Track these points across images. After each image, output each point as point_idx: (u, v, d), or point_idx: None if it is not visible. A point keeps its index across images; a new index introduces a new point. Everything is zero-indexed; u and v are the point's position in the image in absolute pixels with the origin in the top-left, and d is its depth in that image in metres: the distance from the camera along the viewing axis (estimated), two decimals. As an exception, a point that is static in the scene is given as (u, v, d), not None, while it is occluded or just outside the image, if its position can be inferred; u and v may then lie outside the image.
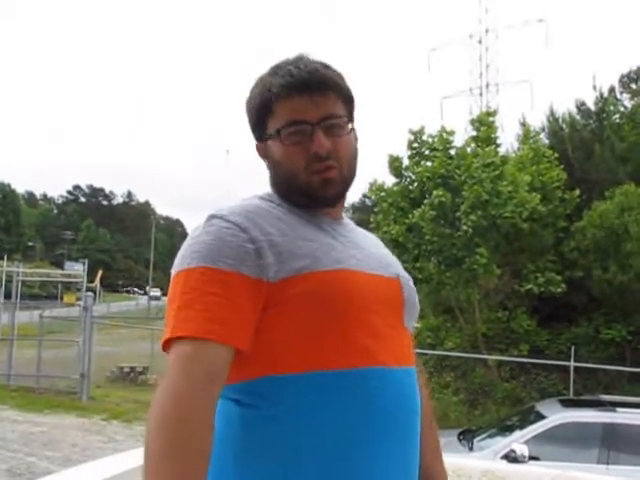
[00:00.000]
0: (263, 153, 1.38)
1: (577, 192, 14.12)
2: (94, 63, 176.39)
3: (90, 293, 14.10)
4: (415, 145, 14.17)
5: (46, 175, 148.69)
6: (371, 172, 14.37)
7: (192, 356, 1.10)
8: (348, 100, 1.38)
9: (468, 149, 13.93)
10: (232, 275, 1.16)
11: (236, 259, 1.17)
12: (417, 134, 14.17)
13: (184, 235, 1.37)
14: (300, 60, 1.34)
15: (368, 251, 1.35)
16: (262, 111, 1.34)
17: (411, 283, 1.41)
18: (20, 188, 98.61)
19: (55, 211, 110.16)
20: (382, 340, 1.24)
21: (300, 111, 1.30)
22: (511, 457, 5.97)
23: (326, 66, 1.35)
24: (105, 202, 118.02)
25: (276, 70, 1.34)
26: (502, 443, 6.64)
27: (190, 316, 1.13)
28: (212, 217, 1.25)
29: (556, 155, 14.32)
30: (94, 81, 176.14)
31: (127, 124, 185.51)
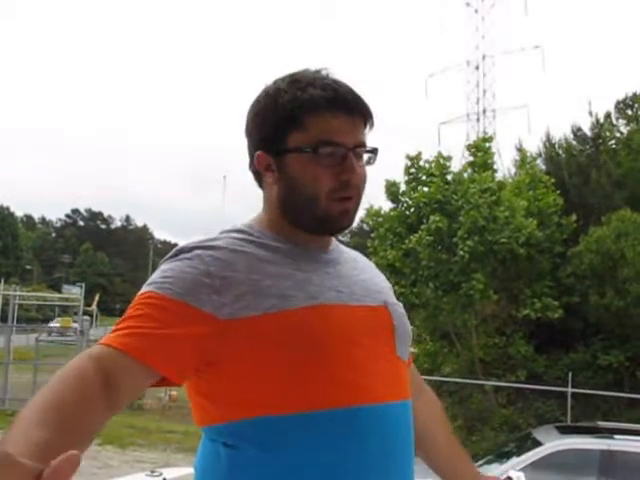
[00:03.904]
0: (266, 165, 1.27)
1: (574, 217, 14.15)
2: (90, 84, 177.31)
3: (86, 317, 14.09)
4: (412, 170, 14.23)
5: (45, 198, 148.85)
6: (368, 197, 14.43)
7: (109, 357, 1.06)
8: (370, 130, 1.30)
9: (465, 174, 13.99)
10: (177, 304, 1.13)
11: (186, 290, 1.14)
12: (414, 159, 14.23)
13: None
14: (330, 76, 1.27)
15: (354, 279, 1.29)
16: (288, 121, 1.23)
17: (401, 309, 1.35)
18: (19, 211, 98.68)
19: (53, 234, 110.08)
20: (368, 375, 1.19)
21: (340, 132, 1.22)
22: (508, 484, 5.93)
23: (355, 89, 1.28)
24: (103, 226, 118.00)
25: (310, 81, 1.24)
26: (499, 470, 6.57)
27: (124, 333, 1.10)
28: (178, 250, 1.22)
29: (552, 180, 14.37)
30: (90, 107, 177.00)
31: (126, 147, 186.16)
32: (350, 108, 1.23)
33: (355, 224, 1.38)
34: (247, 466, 1.14)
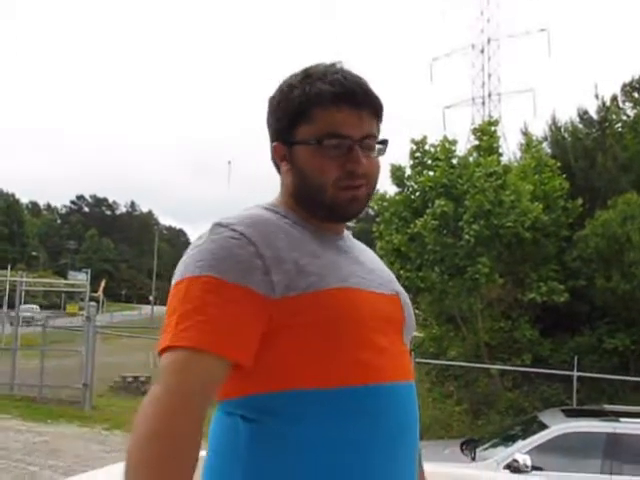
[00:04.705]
0: (282, 156, 1.33)
1: (579, 201, 14.09)
2: (95, 73, 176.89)
3: (93, 303, 14.14)
4: (417, 155, 14.17)
5: (50, 185, 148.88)
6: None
7: (188, 367, 1.08)
8: (380, 122, 1.35)
9: (470, 158, 13.93)
10: (236, 288, 1.14)
11: (242, 272, 1.15)
12: (419, 144, 14.17)
13: (187, 245, 1.35)
14: (341, 69, 1.31)
15: (369, 267, 1.34)
16: (298, 115, 1.28)
17: (408, 300, 1.41)
18: (24, 198, 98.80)
19: (59, 221, 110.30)
20: (386, 357, 1.24)
21: (345, 125, 1.26)
22: (514, 467, 5.95)
23: (367, 82, 1.32)
24: (108, 212, 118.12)
25: (320, 75, 1.29)
26: (505, 453, 6.61)
27: (189, 326, 1.10)
28: (218, 225, 1.21)
29: (558, 164, 14.30)
30: (95, 91, 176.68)
31: (130, 134, 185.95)
32: (357, 101, 1.27)
33: (361, 209, 1.40)
34: (267, 439, 1.17)
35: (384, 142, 1.33)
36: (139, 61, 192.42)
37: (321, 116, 1.26)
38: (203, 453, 1.31)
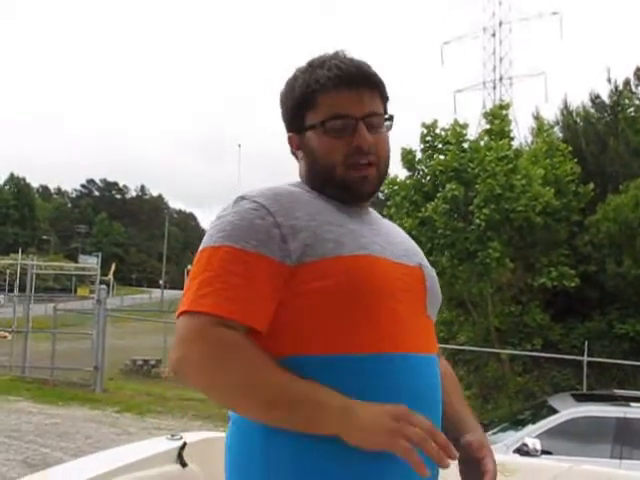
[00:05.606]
0: (297, 145, 1.39)
1: (591, 186, 14.03)
2: (107, 61, 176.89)
3: (104, 286, 14.17)
4: (428, 138, 14.13)
5: (60, 169, 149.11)
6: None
7: (208, 330, 1.15)
8: (386, 100, 1.40)
9: (481, 142, 13.88)
10: (255, 256, 1.19)
11: (260, 241, 1.20)
12: (430, 127, 14.13)
13: (197, 229, 1.37)
14: (342, 56, 1.37)
15: (393, 239, 1.37)
16: (303, 103, 1.35)
17: (434, 273, 1.43)
18: (34, 182, 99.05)
19: (69, 205, 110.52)
20: (405, 327, 1.25)
21: (346, 105, 1.32)
22: (523, 451, 5.95)
23: (368, 64, 1.37)
24: (119, 196, 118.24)
25: (320, 64, 1.35)
26: (514, 437, 6.60)
27: (209, 293, 1.16)
28: (241, 198, 1.28)
29: (570, 148, 14.24)
30: (106, 78, 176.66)
31: (141, 118, 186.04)
32: (354, 82, 1.32)
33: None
34: None
35: (390, 118, 1.38)
36: (149, 45, 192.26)
37: (323, 100, 1.32)
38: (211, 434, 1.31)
